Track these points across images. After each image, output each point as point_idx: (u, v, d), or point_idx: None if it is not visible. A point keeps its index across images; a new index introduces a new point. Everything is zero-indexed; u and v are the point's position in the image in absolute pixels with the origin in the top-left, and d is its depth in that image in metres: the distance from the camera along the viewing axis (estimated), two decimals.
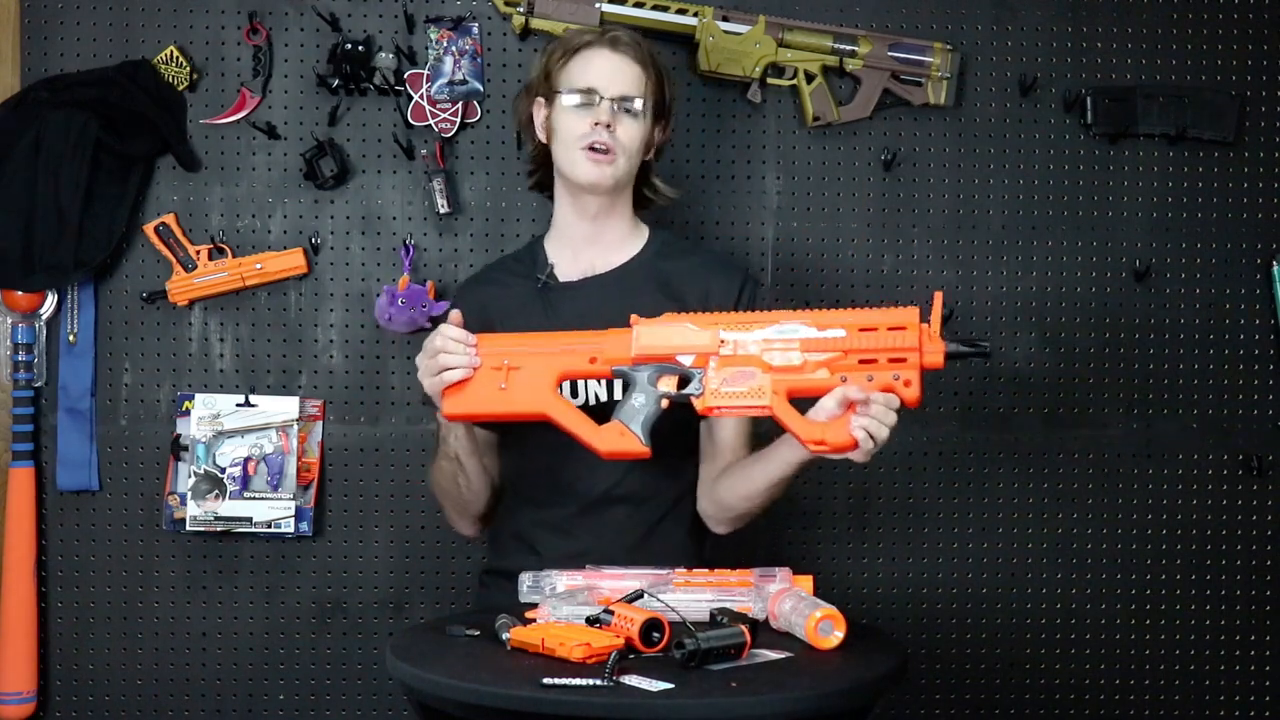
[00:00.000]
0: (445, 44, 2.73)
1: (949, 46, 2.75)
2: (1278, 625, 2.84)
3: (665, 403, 2.10)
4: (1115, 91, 2.79)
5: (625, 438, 2.09)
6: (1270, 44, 2.82)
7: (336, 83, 2.71)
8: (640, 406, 2.10)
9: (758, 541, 2.60)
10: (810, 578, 2.12)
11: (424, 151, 2.73)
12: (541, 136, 2.35)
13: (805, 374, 2.03)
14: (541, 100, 2.33)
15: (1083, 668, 2.82)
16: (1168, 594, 2.83)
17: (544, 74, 2.32)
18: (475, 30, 2.74)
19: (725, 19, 2.71)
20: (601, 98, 2.25)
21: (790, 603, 2.00)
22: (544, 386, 2.11)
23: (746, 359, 2.05)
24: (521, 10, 2.70)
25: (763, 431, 2.28)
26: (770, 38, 2.71)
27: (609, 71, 2.26)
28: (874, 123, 2.79)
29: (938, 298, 2.08)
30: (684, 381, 2.09)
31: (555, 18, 2.70)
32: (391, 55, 2.71)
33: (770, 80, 2.73)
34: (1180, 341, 2.83)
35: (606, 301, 2.27)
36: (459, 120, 2.73)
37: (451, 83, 2.73)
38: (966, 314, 2.81)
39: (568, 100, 2.27)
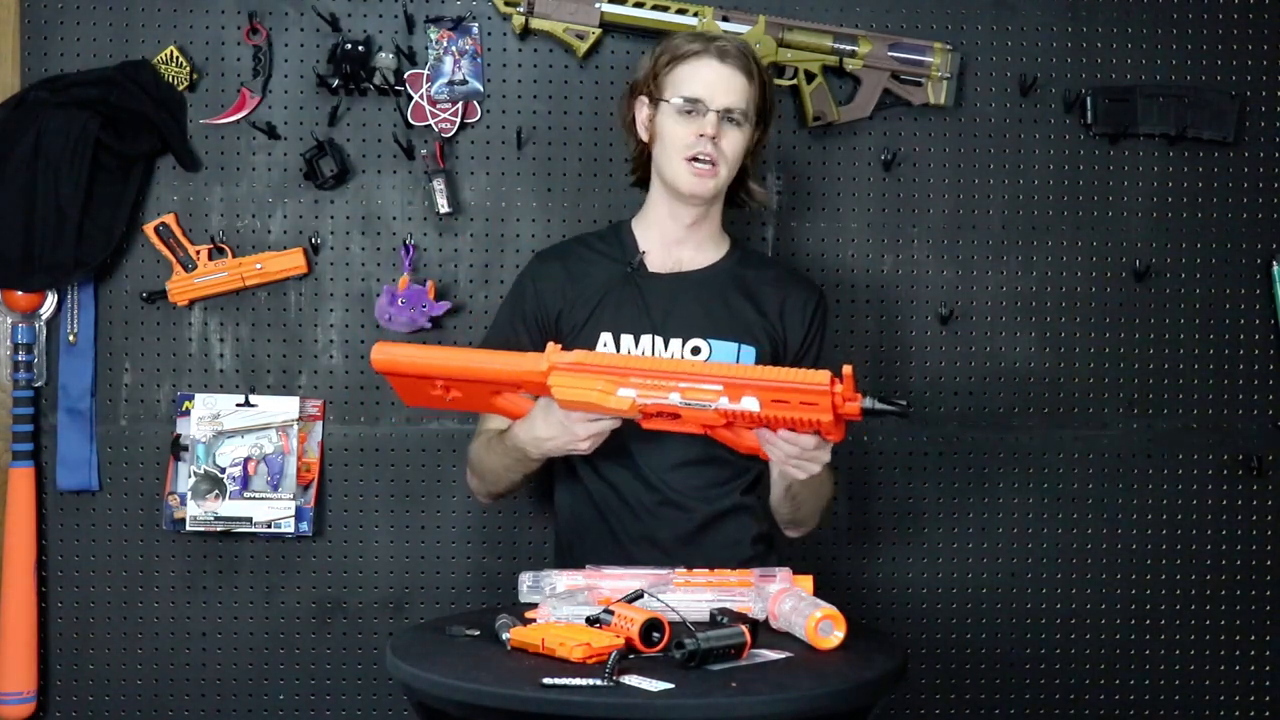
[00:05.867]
0: (445, 44, 2.73)
1: (949, 46, 2.75)
2: (1278, 625, 2.84)
3: None
4: (1115, 91, 2.79)
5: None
6: (1270, 44, 2.82)
7: (336, 83, 2.71)
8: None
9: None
10: (810, 578, 2.12)
11: (424, 151, 2.73)
12: (643, 135, 2.39)
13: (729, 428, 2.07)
14: (645, 99, 2.37)
15: (1083, 668, 2.83)
16: (1168, 594, 2.83)
17: (650, 75, 2.36)
18: (475, 30, 2.74)
19: (725, 19, 2.71)
20: (708, 109, 2.29)
21: (790, 603, 2.00)
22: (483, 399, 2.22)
23: (670, 410, 2.06)
24: (521, 10, 2.70)
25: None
26: (770, 38, 2.71)
27: (716, 83, 2.31)
28: (874, 123, 2.79)
29: (847, 373, 1.96)
30: None
31: (555, 18, 2.70)
32: (391, 55, 2.71)
33: None
34: (1180, 341, 2.83)
35: (697, 298, 2.34)
36: (459, 120, 2.73)
37: (451, 83, 2.73)
38: (966, 314, 2.81)
39: (674, 108, 2.31)
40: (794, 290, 2.42)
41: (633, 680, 1.76)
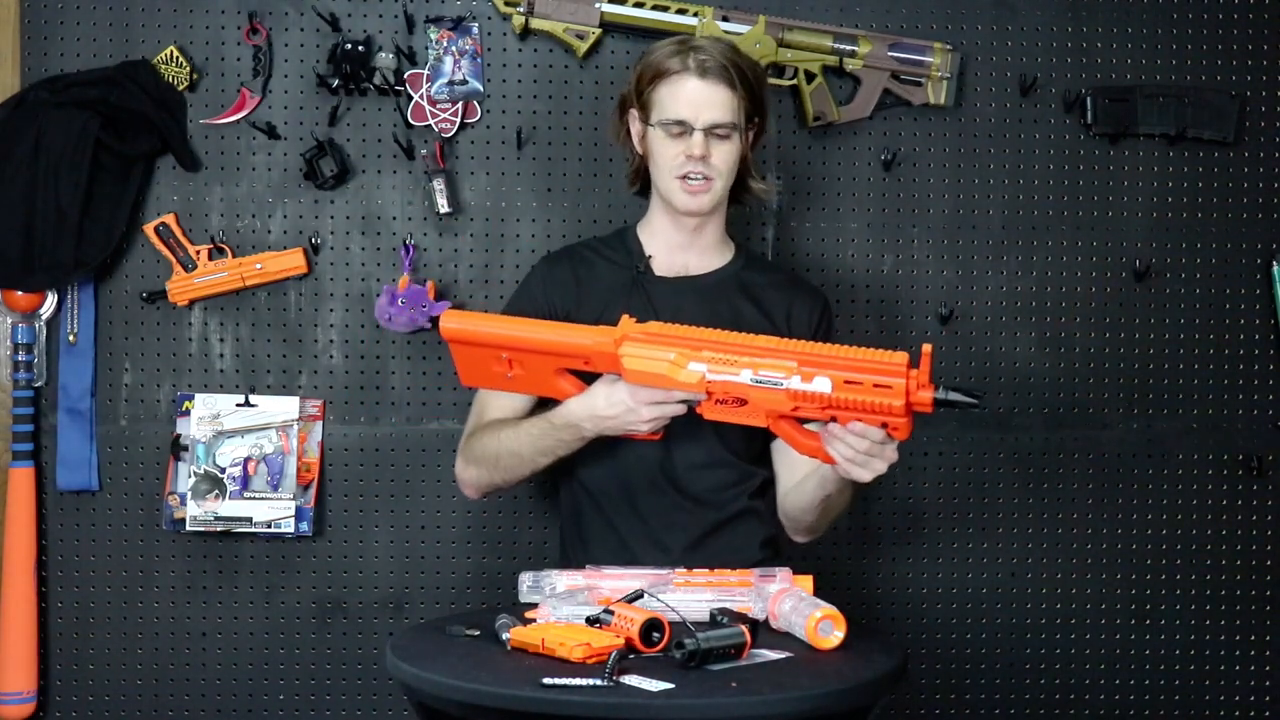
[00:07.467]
0: (445, 44, 2.73)
1: (949, 46, 2.75)
2: (1278, 625, 2.84)
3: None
4: (1115, 91, 2.79)
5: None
6: (1270, 44, 2.82)
7: (336, 83, 2.71)
8: None
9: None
10: (810, 578, 2.12)
11: (424, 151, 2.73)
12: (638, 149, 2.40)
13: (796, 414, 2.02)
14: (635, 114, 2.37)
15: (1083, 668, 2.82)
16: (1168, 594, 2.83)
17: (635, 92, 2.35)
18: (475, 30, 2.74)
19: (725, 19, 2.71)
20: (694, 128, 2.28)
21: (790, 603, 2.00)
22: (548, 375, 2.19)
23: (737, 390, 2.03)
24: (521, 10, 2.70)
25: None
26: (770, 38, 2.71)
27: (699, 102, 2.29)
28: (874, 123, 2.79)
29: (926, 351, 1.93)
30: None
31: (555, 18, 2.70)
32: (391, 55, 2.71)
33: (770, 80, 2.73)
34: (1180, 341, 2.83)
35: (703, 302, 2.34)
36: (459, 120, 2.73)
37: (451, 83, 2.73)
38: (966, 314, 2.81)
39: (661, 130, 2.30)
40: (800, 296, 2.42)
41: (633, 680, 1.76)
